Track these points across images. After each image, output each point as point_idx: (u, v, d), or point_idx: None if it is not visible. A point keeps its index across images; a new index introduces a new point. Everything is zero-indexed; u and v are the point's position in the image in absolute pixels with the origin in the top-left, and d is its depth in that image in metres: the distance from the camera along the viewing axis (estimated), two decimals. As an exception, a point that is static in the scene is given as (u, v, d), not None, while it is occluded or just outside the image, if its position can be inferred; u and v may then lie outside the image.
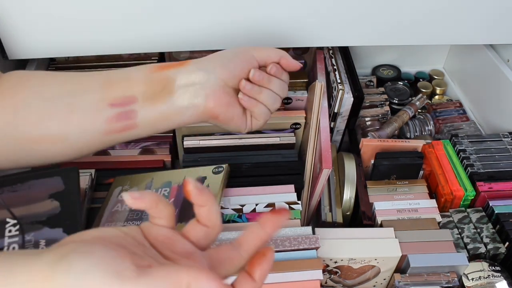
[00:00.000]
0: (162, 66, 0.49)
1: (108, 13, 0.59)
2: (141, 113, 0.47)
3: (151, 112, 0.47)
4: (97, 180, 0.62)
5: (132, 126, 0.47)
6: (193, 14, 0.60)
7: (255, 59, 0.49)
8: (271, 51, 0.50)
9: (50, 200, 0.46)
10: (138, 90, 0.47)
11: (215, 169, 0.57)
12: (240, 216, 0.54)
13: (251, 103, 0.49)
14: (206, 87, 0.48)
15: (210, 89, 0.48)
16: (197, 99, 0.47)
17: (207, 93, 0.47)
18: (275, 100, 0.51)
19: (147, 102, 0.47)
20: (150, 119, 0.48)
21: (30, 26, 0.59)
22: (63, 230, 0.44)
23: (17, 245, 0.42)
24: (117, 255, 0.29)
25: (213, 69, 0.48)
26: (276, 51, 0.50)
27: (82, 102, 0.47)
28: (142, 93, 0.47)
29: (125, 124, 0.47)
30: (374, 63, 0.97)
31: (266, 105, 0.50)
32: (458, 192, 0.63)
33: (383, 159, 0.66)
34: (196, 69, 0.48)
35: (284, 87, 0.51)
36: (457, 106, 0.88)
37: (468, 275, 0.56)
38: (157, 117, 0.48)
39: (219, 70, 0.48)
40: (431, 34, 0.67)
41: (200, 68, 0.48)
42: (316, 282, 0.48)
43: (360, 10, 0.62)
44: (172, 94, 0.47)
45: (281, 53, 0.50)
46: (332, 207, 0.65)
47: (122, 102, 0.46)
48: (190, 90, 0.47)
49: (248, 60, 0.49)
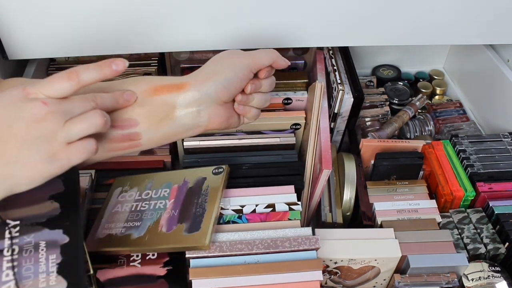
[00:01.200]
0: (157, 89, 0.48)
1: (108, 13, 0.59)
2: (145, 135, 0.48)
3: (154, 134, 0.48)
4: (97, 180, 0.62)
5: (136, 145, 0.49)
6: (193, 14, 0.60)
7: (251, 72, 0.50)
8: (265, 58, 0.50)
9: (50, 201, 0.46)
10: (137, 113, 0.47)
11: (215, 170, 0.57)
12: (240, 217, 0.54)
13: (246, 110, 0.52)
14: (208, 109, 0.49)
15: (212, 110, 0.49)
16: (199, 120, 0.49)
17: (209, 114, 0.49)
18: (266, 101, 0.53)
19: (150, 126, 0.48)
20: (154, 140, 0.49)
21: (30, 27, 0.59)
22: (63, 232, 0.44)
23: (18, 247, 0.42)
24: None
25: (215, 92, 0.48)
26: (269, 56, 0.51)
27: None
28: (142, 117, 0.47)
29: (129, 144, 0.48)
30: (374, 63, 0.97)
31: (258, 107, 0.53)
32: (458, 192, 0.63)
33: (383, 159, 0.66)
34: (198, 94, 0.48)
35: (272, 83, 0.52)
36: (457, 106, 0.88)
37: (468, 275, 0.56)
38: (161, 137, 0.49)
39: (221, 93, 0.48)
40: (431, 34, 0.67)
41: (203, 93, 0.48)
42: (316, 283, 0.48)
43: (360, 11, 0.62)
44: (173, 120, 0.48)
45: (273, 57, 0.51)
46: (332, 208, 0.65)
47: (124, 125, 0.47)
48: (193, 113, 0.48)
49: (246, 76, 0.49)
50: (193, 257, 0.50)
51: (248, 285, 0.48)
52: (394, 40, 0.67)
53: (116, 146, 0.48)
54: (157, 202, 0.56)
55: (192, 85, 0.48)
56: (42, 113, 0.39)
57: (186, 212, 0.53)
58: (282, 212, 0.55)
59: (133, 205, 0.56)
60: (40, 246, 0.42)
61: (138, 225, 0.53)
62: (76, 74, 0.41)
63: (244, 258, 0.50)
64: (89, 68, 0.42)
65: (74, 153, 0.41)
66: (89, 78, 0.41)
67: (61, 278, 0.41)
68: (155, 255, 0.53)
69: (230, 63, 0.49)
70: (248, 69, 0.49)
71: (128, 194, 0.58)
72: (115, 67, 0.43)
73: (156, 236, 0.51)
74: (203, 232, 0.49)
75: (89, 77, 0.41)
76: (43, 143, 0.39)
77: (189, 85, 0.48)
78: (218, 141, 0.66)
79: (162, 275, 0.51)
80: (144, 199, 0.57)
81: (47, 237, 0.43)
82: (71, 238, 0.43)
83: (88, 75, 0.41)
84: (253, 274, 0.48)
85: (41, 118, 0.39)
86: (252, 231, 0.52)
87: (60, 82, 0.40)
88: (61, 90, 0.40)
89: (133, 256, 0.53)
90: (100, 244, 0.53)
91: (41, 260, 0.42)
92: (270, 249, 0.50)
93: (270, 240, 0.50)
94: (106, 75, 0.43)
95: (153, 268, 0.52)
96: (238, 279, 0.48)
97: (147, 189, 0.58)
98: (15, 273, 0.41)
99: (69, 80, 0.40)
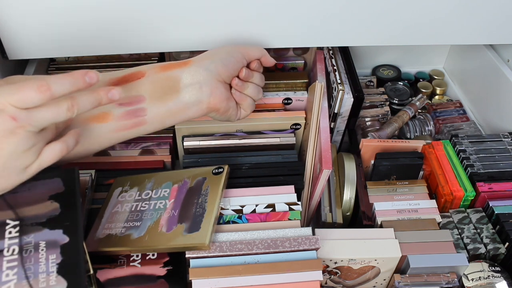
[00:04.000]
0: (165, 66, 0.53)
1: (108, 13, 0.59)
2: (150, 110, 0.52)
3: (159, 109, 0.52)
4: (97, 180, 0.62)
5: (141, 123, 0.52)
6: (193, 14, 0.60)
7: (244, 59, 0.57)
8: (255, 50, 0.58)
9: (50, 201, 0.46)
10: (145, 89, 0.51)
11: (215, 170, 0.57)
12: (240, 217, 0.54)
13: (242, 97, 0.57)
14: (209, 84, 0.54)
15: (213, 85, 0.54)
16: (202, 95, 0.53)
17: (211, 89, 0.54)
18: (258, 92, 0.59)
19: (156, 100, 0.52)
20: (159, 116, 0.52)
21: (30, 27, 0.59)
22: (63, 232, 0.44)
23: (17, 247, 0.42)
24: None
25: (215, 68, 0.54)
26: (258, 50, 0.58)
27: None
28: (149, 92, 0.51)
29: (134, 121, 0.51)
30: (374, 63, 0.97)
31: (252, 97, 0.58)
32: (458, 192, 0.63)
33: (383, 159, 0.66)
34: (200, 69, 0.53)
35: (262, 78, 0.60)
36: (457, 106, 0.88)
37: (468, 275, 0.56)
38: (166, 113, 0.53)
39: (220, 69, 0.54)
40: (431, 34, 0.67)
41: (204, 68, 0.53)
42: (316, 283, 0.48)
43: (360, 11, 0.62)
44: (179, 93, 0.53)
45: (262, 52, 0.59)
46: (332, 208, 0.65)
47: (131, 101, 0.51)
48: (196, 88, 0.53)
49: (240, 60, 0.56)
50: (193, 257, 0.50)
51: (248, 285, 0.48)
52: (394, 40, 0.67)
53: (121, 125, 0.50)
54: (157, 202, 0.56)
55: (195, 62, 0.54)
56: (12, 128, 0.38)
57: (186, 212, 0.53)
58: (282, 212, 0.55)
59: (133, 205, 0.56)
60: (40, 246, 0.42)
61: (138, 225, 0.53)
62: (47, 87, 0.39)
63: (244, 258, 0.50)
64: (61, 79, 0.40)
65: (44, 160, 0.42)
66: (61, 90, 0.40)
67: (61, 278, 0.41)
68: (155, 255, 0.53)
69: (226, 49, 0.57)
70: (241, 54, 0.56)
71: (128, 194, 0.58)
72: (88, 80, 0.42)
73: (156, 236, 0.51)
74: (203, 232, 0.49)
75: (61, 89, 0.40)
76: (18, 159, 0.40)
77: (192, 62, 0.54)
78: (218, 141, 0.66)
79: (162, 275, 0.51)
80: (144, 199, 0.57)
81: (47, 237, 0.43)
82: (71, 238, 0.43)
83: (61, 88, 0.40)
84: (253, 274, 0.48)
85: (11, 133, 0.39)
86: (252, 231, 0.52)
87: (29, 93, 0.39)
88: (30, 102, 0.39)
89: (133, 256, 0.53)
90: (100, 244, 0.53)
91: (41, 260, 0.42)
92: (270, 249, 0.50)
93: (270, 240, 0.51)
94: (79, 87, 0.41)
95: (153, 268, 0.52)
96: (238, 279, 0.48)
97: (147, 189, 0.58)
98: (15, 273, 0.41)
99: (39, 92, 0.39)
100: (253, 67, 0.58)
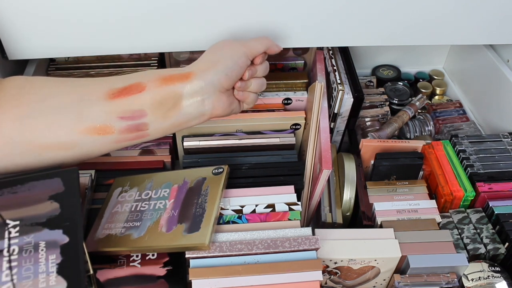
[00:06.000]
0: (166, 79, 0.50)
1: (108, 14, 0.59)
2: (152, 125, 0.50)
3: (162, 124, 0.51)
4: (97, 181, 0.62)
5: (143, 136, 0.51)
6: (193, 14, 0.60)
7: (248, 60, 0.54)
8: (259, 46, 0.55)
9: (50, 201, 0.46)
10: (145, 103, 0.49)
11: (215, 170, 0.57)
12: (240, 217, 0.54)
13: (245, 95, 0.55)
14: (212, 97, 0.51)
15: (215, 99, 0.52)
16: (204, 108, 0.52)
17: (213, 102, 0.52)
18: (262, 84, 0.56)
19: (158, 116, 0.50)
20: (161, 129, 0.51)
21: (30, 27, 0.59)
22: (63, 232, 0.44)
23: (17, 247, 0.42)
24: None
25: (218, 81, 0.51)
26: (263, 43, 0.55)
27: (91, 113, 0.48)
28: (151, 108, 0.49)
29: (136, 134, 0.50)
30: (374, 63, 0.97)
31: (255, 91, 0.56)
32: (458, 192, 0.63)
33: (383, 159, 0.66)
34: (202, 83, 0.50)
35: (267, 67, 0.56)
36: (457, 106, 0.88)
37: (468, 275, 0.56)
38: (168, 127, 0.52)
39: (223, 81, 0.51)
40: (431, 34, 0.67)
41: (206, 82, 0.50)
42: (316, 283, 0.48)
43: (360, 11, 0.62)
44: (181, 108, 0.51)
45: (267, 44, 0.55)
46: (332, 208, 0.65)
47: (132, 115, 0.49)
48: (198, 102, 0.51)
49: (245, 63, 0.53)
50: (193, 257, 0.50)
51: (248, 285, 0.48)
52: (394, 40, 0.67)
53: (123, 137, 0.50)
54: (157, 202, 0.56)
55: (196, 75, 0.51)
56: None
57: (186, 212, 0.53)
58: (282, 212, 0.55)
59: (133, 205, 0.56)
60: (40, 246, 0.42)
61: (138, 225, 0.53)
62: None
63: (244, 258, 0.50)
64: None
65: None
66: None
67: (61, 278, 0.41)
68: (155, 255, 0.53)
69: (229, 52, 0.52)
70: (246, 56, 0.53)
71: (128, 194, 0.58)
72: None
73: (156, 236, 0.51)
74: (203, 232, 0.49)
75: None
76: None
77: (193, 75, 0.51)
78: (218, 141, 0.66)
79: (162, 275, 0.51)
80: (144, 199, 0.57)
81: (47, 237, 0.43)
82: (71, 238, 0.43)
83: None
84: (253, 274, 0.48)
85: None
86: (252, 231, 0.52)
87: None
88: None
89: (133, 256, 0.53)
90: (100, 244, 0.53)
91: (41, 260, 0.42)
92: (270, 249, 0.50)
93: (270, 240, 0.51)
94: None
95: (153, 268, 0.52)
96: (238, 279, 0.48)
97: (147, 189, 0.58)
98: (15, 273, 0.41)
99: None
100: (257, 63, 0.55)
